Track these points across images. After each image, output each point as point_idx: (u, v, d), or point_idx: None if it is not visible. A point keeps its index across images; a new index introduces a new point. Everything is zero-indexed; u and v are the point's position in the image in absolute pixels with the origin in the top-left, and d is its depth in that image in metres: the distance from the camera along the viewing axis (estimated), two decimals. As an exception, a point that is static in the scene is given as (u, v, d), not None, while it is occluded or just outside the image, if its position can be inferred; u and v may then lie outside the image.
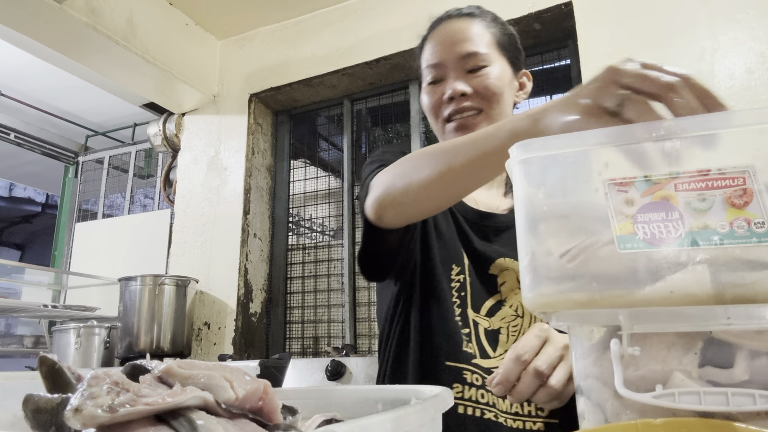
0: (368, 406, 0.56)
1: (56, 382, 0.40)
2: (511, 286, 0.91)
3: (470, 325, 0.90)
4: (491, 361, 0.88)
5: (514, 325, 0.90)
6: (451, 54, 0.93)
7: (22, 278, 3.43)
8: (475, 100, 0.92)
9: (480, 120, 0.92)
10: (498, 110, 0.93)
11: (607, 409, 0.46)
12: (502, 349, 0.88)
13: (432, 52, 0.97)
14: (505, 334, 0.89)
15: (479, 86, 0.92)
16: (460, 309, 0.90)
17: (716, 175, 0.44)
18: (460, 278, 0.91)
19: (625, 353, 0.44)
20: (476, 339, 0.89)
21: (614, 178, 0.46)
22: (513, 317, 0.90)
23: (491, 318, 0.90)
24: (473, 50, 0.93)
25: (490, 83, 0.92)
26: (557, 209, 0.49)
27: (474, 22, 0.96)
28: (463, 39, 0.94)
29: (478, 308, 0.91)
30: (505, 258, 0.92)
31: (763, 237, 0.41)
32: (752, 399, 0.41)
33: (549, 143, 0.51)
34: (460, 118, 0.93)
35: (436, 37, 0.98)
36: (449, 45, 0.94)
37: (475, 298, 0.91)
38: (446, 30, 0.97)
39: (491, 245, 0.94)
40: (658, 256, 0.43)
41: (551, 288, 0.47)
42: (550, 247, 0.48)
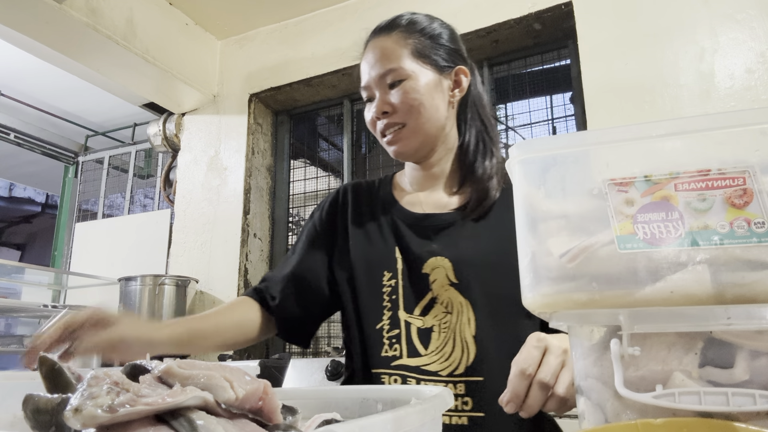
0: (368, 406, 0.56)
1: (56, 382, 0.40)
2: (442, 283, 0.93)
3: (401, 326, 0.93)
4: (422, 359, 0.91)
5: (444, 321, 0.92)
6: (372, 74, 0.99)
7: (22, 278, 3.43)
8: (398, 116, 0.97)
9: (405, 134, 0.98)
10: (423, 120, 0.97)
11: (607, 409, 0.46)
12: (434, 345, 0.91)
13: (362, 73, 1.03)
14: (437, 331, 0.92)
15: (398, 101, 0.97)
16: (391, 312, 0.94)
17: (716, 175, 0.44)
18: (391, 283, 0.96)
19: (625, 353, 0.44)
20: (407, 339, 0.92)
21: (614, 178, 0.46)
22: (444, 314, 0.92)
23: (425, 317, 0.93)
24: (388, 68, 0.98)
25: (408, 97, 0.96)
26: (557, 209, 0.49)
27: (390, 37, 1.01)
28: (379, 58, 0.99)
29: (411, 309, 0.94)
30: (437, 257, 0.94)
31: (763, 237, 0.41)
32: (752, 399, 0.41)
33: (549, 143, 0.51)
34: (390, 134, 0.99)
35: (364, 57, 1.04)
36: (371, 66, 1.00)
37: (407, 299, 0.94)
38: (369, 49, 1.03)
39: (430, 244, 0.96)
40: (658, 256, 0.43)
41: (551, 288, 0.47)
42: (550, 247, 0.48)
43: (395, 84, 0.97)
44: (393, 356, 0.92)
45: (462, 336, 0.90)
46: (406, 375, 0.90)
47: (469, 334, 0.90)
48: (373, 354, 0.94)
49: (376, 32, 1.05)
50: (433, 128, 0.99)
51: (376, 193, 1.08)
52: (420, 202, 1.03)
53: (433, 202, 1.02)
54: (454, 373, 0.89)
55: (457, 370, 0.89)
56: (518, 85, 2.54)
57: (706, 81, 1.91)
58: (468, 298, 0.91)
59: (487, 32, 2.37)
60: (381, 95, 0.98)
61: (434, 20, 1.06)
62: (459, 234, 0.96)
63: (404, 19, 1.05)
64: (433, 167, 1.03)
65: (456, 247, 0.94)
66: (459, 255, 0.93)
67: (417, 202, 1.03)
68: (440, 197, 1.03)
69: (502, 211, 0.96)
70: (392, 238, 0.99)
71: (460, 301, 0.91)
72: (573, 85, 2.33)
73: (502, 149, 1.11)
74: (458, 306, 0.92)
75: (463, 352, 0.90)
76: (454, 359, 0.90)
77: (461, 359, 0.89)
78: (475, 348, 0.90)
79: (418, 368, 0.90)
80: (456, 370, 0.89)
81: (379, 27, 1.05)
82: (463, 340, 0.90)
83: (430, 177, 1.04)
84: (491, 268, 0.92)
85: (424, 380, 0.89)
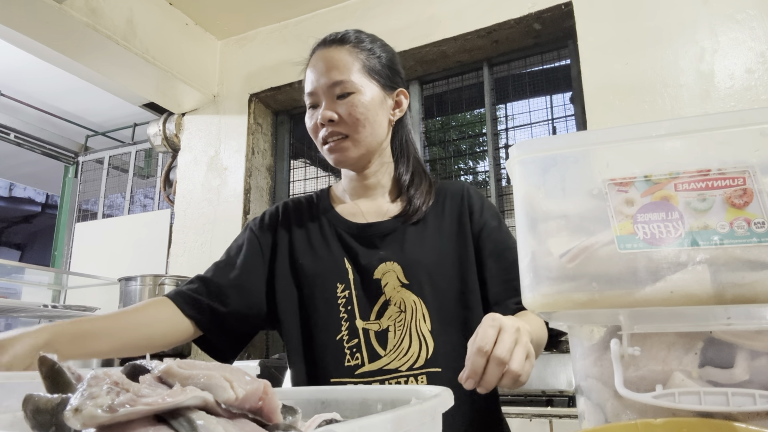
0: (368, 406, 0.56)
1: (56, 382, 0.40)
2: (393, 285, 0.98)
3: (359, 335, 0.97)
4: (382, 360, 0.95)
5: (399, 320, 0.96)
6: (321, 82, 1.02)
7: (22, 278, 3.43)
8: (342, 126, 1.01)
9: (347, 144, 1.01)
10: (365, 134, 1.02)
11: (607, 409, 0.46)
12: (391, 345, 0.95)
13: (308, 79, 1.06)
14: (393, 331, 0.96)
15: (345, 113, 1.00)
16: (348, 322, 0.98)
17: (716, 175, 0.44)
18: (345, 294, 0.99)
19: (625, 353, 0.44)
20: (366, 345, 0.96)
21: (614, 178, 0.46)
22: (398, 313, 0.97)
23: (380, 320, 0.97)
24: (339, 79, 1.01)
25: (355, 110, 1.00)
26: (557, 209, 0.49)
27: (343, 49, 1.04)
28: (331, 67, 1.02)
29: (367, 315, 0.98)
30: (386, 262, 0.99)
31: (763, 237, 0.41)
32: (752, 399, 0.41)
33: (549, 143, 0.51)
34: (331, 142, 1.02)
35: (312, 64, 1.07)
36: (320, 73, 1.03)
37: (362, 307, 0.98)
38: (319, 58, 1.05)
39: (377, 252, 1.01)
40: (658, 256, 0.43)
41: (551, 288, 0.47)
42: (550, 247, 0.48)
43: (344, 96, 1.01)
44: (356, 365, 0.96)
45: (419, 331, 0.96)
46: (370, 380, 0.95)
47: (426, 329, 0.96)
48: (335, 365, 0.97)
49: (326, 43, 1.07)
50: (374, 142, 1.03)
51: (316, 208, 1.11)
52: (361, 212, 1.07)
53: (373, 210, 1.07)
54: (413, 366, 0.94)
55: (417, 363, 0.94)
56: (518, 85, 2.54)
57: (706, 81, 1.91)
58: (420, 296, 0.97)
59: (487, 32, 2.37)
60: (328, 104, 1.02)
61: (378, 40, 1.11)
62: (403, 239, 1.01)
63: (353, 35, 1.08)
64: (369, 178, 1.08)
65: (402, 251, 1.00)
66: (407, 258, 0.99)
67: (358, 212, 1.07)
68: (379, 205, 1.07)
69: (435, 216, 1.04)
70: (340, 250, 1.03)
71: (413, 300, 0.97)
72: (573, 85, 2.33)
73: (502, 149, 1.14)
74: (411, 304, 0.97)
75: (422, 346, 0.95)
76: (413, 354, 0.95)
77: (420, 353, 0.95)
78: (432, 341, 0.95)
79: (380, 370, 0.94)
80: (415, 363, 0.94)
81: (329, 38, 1.08)
82: (420, 335, 0.96)
83: (367, 187, 1.08)
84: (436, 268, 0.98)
85: (387, 380, 0.94)
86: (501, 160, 2.46)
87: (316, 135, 1.05)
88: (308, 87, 1.05)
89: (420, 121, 2.61)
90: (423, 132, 2.63)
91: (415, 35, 2.47)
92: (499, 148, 2.49)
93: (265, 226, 1.09)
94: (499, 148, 2.49)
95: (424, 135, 2.64)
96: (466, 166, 2.79)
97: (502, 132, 2.53)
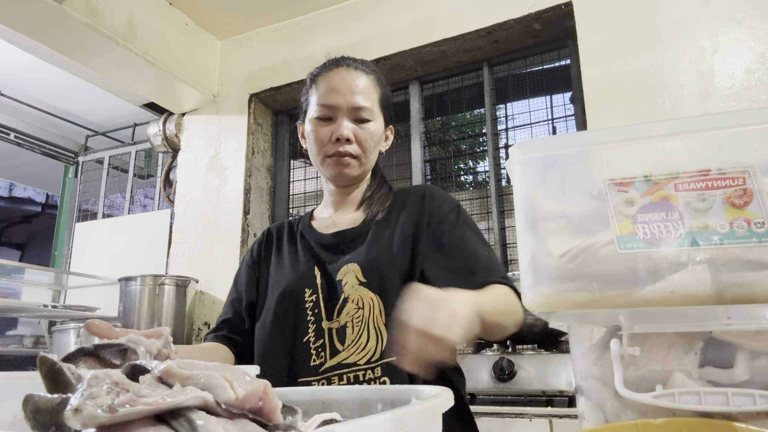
0: (368, 406, 0.56)
1: (56, 382, 0.40)
2: (352, 284, 1.03)
3: (324, 335, 1.03)
4: (341, 355, 1.00)
5: (357, 317, 1.02)
6: (346, 101, 1.08)
7: (22, 278, 3.43)
8: (355, 148, 1.09)
9: (355, 164, 1.10)
10: (370, 160, 1.12)
11: (607, 409, 0.46)
12: (350, 339, 1.01)
13: (328, 92, 1.10)
14: (350, 326, 1.01)
15: (361, 137, 1.09)
16: (315, 324, 1.04)
17: (716, 175, 0.44)
18: (312, 298, 1.06)
19: (625, 353, 0.44)
20: (329, 343, 1.02)
21: (614, 178, 0.46)
22: (356, 310, 1.02)
23: (339, 317, 1.03)
24: (365, 105, 1.09)
25: (369, 138, 1.10)
26: (557, 209, 0.49)
27: (369, 78, 1.12)
28: (358, 91, 1.09)
29: (331, 316, 1.04)
30: (348, 263, 1.06)
31: (763, 237, 0.41)
32: (752, 399, 0.41)
33: (549, 143, 0.51)
34: (340, 158, 1.09)
35: (334, 80, 1.11)
36: (346, 93, 1.09)
37: (327, 308, 1.05)
38: (345, 77, 1.11)
39: (343, 257, 1.08)
40: (658, 256, 0.43)
41: (551, 288, 0.47)
42: (550, 247, 0.48)
43: (363, 121, 1.09)
44: (320, 363, 1.01)
45: (376, 326, 1.01)
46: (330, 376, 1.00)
47: (382, 323, 1.01)
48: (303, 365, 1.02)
49: (352, 65, 1.14)
50: (369, 167, 1.15)
51: (296, 228, 1.21)
52: (333, 224, 1.16)
53: (345, 221, 1.15)
54: (370, 360, 0.99)
55: (374, 357, 0.99)
56: (518, 85, 2.54)
57: (706, 81, 1.91)
58: (376, 292, 1.01)
59: (487, 32, 2.37)
60: (348, 123, 1.08)
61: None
62: (366, 240, 1.08)
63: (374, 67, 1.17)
64: (351, 193, 1.18)
65: (363, 251, 1.06)
66: (365, 257, 1.04)
67: (331, 224, 1.16)
68: (350, 216, 1.16)
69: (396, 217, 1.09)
70: (311, 261, 1.11)
71: (370, 297, 1.02)
72: (573, 85, 2.33)
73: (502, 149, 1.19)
74: (369, 301, 1.02)
75: (378, 340, 1.00)
76: (370, 348, 1.00)
77: (377, 346, 1.00)
78: (387, 333, 1.00)
79: (339, 364, 1.00)
80: (373, 356, 0.99)
81: (352, 61, 1.15)
82: (377, 330, 1.00)
83: (345, 201, 1.18)
84: (391, 264, 1.03)
85: (345, 374, 0.98)
86: (501, 160, 2.46)
87: (323, 146, 1.10)
88: (327, 99, 1.10)
89: (420, 121, 2.61)
90: (423, 132, 2.62)
91: (414, 35, 2.47)
92: (499, 148, 2.49)
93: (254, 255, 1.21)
94: (499, 148, 2.49)
95: (424, 135, 2.64)
96: (466, 166, 2.79)
97: (502, 132, 2.53)
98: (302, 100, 1.19)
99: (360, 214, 1.15)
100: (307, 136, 1.14)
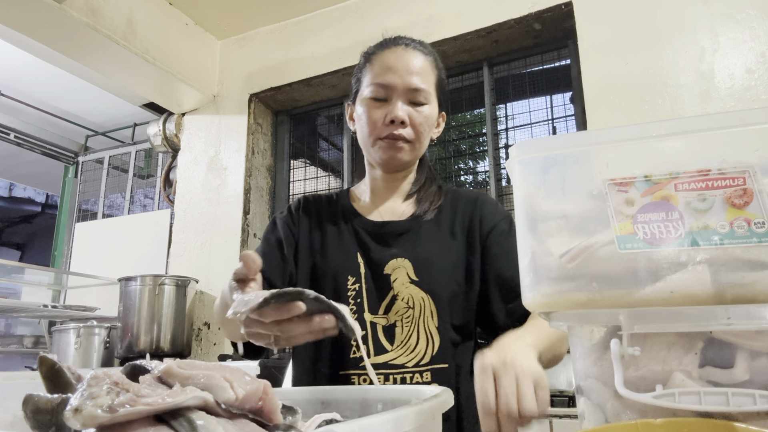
0: (368, 406, 0.56)
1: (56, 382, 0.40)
2: (402, 281, 0.99)
3: (367, 327, 0.98)
4: (389, 355, 0.96)
5: (407, 316, 0.98)
6: (403, 82, 1.01)
7: (22, 278, 3.43)
8: (409, 132, 1.02)
9: (407, 149, 1.03)
10: (423, 145, 1.06)
11: (607, 409, 0.46)
12: (399, 340, 0.97)
13: (384, 70, 1.03)
14: (400, 326, 0.98)
15: (416, 121, 1.02)
16: (357, 315, 0.99)
17: (716, 175, 0.44)
18: (355, 287, 1.01)
19: (625, 353, 0.44)
20: (373, 339, 0.97)
21: (614, 178, 0.46)
22: (406, 309, 0.98)
23: (387, 314, 0.99)
24: (422, 87, 1.02)
25: (425, 122, 1.03)
26: (557, 209, 0.49)
27: (426, 59, 1.05)
28: (416, 72, 1.02)
29: (376, 309, 0.99)
30: (398, 258, 1.01)
31: (763, 237, 0.41)
32: (752, 399, 0.41)
33: (549, 143, 0.51)
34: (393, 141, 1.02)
35: (391, 58, 1.04)
36: (403, 73, 1.02)
37: (371, 300, 1.00)
38: (402, 56, 1.04)
39: (389, 249, 1.03)
40: (658, 256, 0.43)
41: (551, 288, 0.47)
42: (550, 247, 0.48)
43: (418, 104, 1.02)
44: (361, 357, 0.97)
45: (426, 328, 0.97)
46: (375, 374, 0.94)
47: (433, 326, 0.98)
48: (341, 356, 0.98)
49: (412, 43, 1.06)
50: (420, 154, 1.08)
51: (336, 205, 1.13)
52: (378, 212, 1.10)
53: (389, 210, 1.10)
54: (419, 363, 0.95)
55: (423, 360, 0.96)
56: (518, 85, 2.54)
57: (706, 81, 1.91)
58: (428, 293, 0.98)
59: (487, 32, 2.37)
60: (403, 105, 1.01)
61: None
62: (416, 238, 1.03)
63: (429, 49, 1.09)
64: (399, 181, 1.11)
65: (414, 249, 1.02)
66: (417, 255, 1.01)
67: (375, 212, 1.10)
68: (396, 206, 1.10)
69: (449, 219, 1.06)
70: (354, 246, 1.05)
71: (421, 297, 0.98)
72: (573, 85, 2.33)
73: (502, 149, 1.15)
74: (420, 301, 0.98)
75: (428, 343, 0.97)
76: (420, 350, 0.96)
77: (426, 350, 0.96)
78: (439, 338, 0.97)
79: (386, 364, 0.96)
80: (422, 360, 0.96)
81: (410, 41, 1.07)
82: (427, 332, 0.97)
83: (391, 188, 1.11)
84: (445, 267, 1.01)
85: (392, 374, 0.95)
86: (501, 160, 2.46)
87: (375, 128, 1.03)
88: (382, 79, 1.02)
89: (420, 121, 2.60)
90: (423, 132, 2.62)
91: (414, 35, 2.46)
92: (499, 148, 2.49)
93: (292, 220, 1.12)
94: (499, 148, 2.49)
95: (424, 135, 2.64)
96: (466, 166, 2.79)
97: (502, 132, 2.53)
98: (353, 81, 1.12)
99: (407, 207, 1.09)
100: (358, 118, 1.07)
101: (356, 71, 1.12)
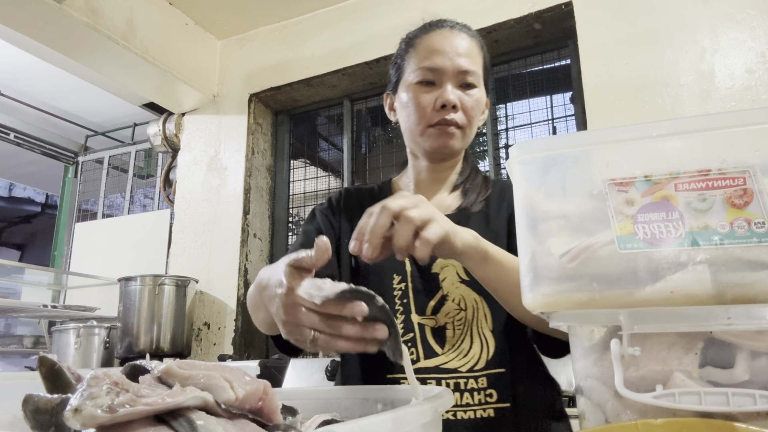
0: (368, 406, 0.56)
1: (56, 382, 0.40)
2: (452, 281, 0.93)
3: (415, 329, 0.92)
4: (439, 358, 0.90)
5: (459, 318, 0.91)
6: (453, 64, 0.96)
7: (21, 278, 3.43)
8: (460, 117, 0.96)
9: (459, 135, 0.97)
10: (473, 131, 1.00)
11: (607, 409, 0.46)
12: (449, 345, 0.90)
13: (431, 53, 0.98)
14: (451, 329, 0.91)
15: (467, 105, 0.96)
16: (404, 315, 0.93)
17: (716, 175, 0.44)
18: (401, 286, 0.94)
19: (625, 353, 0.44)
20: (422, 341, 0.91)
21: (614, 178, 0.46)
22: (456, 311, 0.92)
23: (437, 315, 0.92)
24: (472, 69, 0.96)
25: (476, 106, 0.97)
26: (557, 209, 0.49)
27: (473, 41, 1.01)
28: (465, 54, 0.97)
29: (423, 310, 0.93)
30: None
31: (763, 237, 0.41)
32: (752, 399, 0.41)
33: (549, 143, 0.51)
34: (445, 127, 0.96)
35: (437, 41, 0.99)
36: (452, 55, 0.96)
37: (418, 301, 0.94)
38: (449, 38, 0.99)
39: None
40: (658, 256, 0.43)
41: (551, 288, 0.47)
42: (550, 247, 0.48)
43: (468, 86, 0.97)
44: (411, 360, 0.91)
45: (480, 331, 0.91)
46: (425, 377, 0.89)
47: (488, 329, 0.91)
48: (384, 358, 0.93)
49: (457, 26, 1.03)
50: (469, 142, 1.02)
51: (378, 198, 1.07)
52: None
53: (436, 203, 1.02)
54: (474, 368, 0.89)
55: (477, 365, 0.89)
56: (518, 85, 2.54)
57: (706, 81, 1.91)
58: (481, 294, 0.91)
59: (487, 32, 2.37)
60: (453, 89, 0.96)
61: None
62: None
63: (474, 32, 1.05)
64: (445, 171, 1.05)
65: None
66: None
67: None
68: (442, 199, 1.04)
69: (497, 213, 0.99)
70: None
71: (474, 298, 0.92)
72: (573, 85, 2.33)
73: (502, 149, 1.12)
74: (472, 302, 0.92)
75: (482, 347, 0.90)
76: (473, 355, 0.90)
77: (481, 354, 0.90)
78: (494, 341, 0.90)
79: (437, 368, 0.90)
80: (476, 365, 0.89)
81: (455, 23, 1.04)
82: (481, 336, 0.91)
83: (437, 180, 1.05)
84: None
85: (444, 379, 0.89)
86: (501, 160, 2.46)
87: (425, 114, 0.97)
88: (430, 62, 0.97)
89: (420, 121, 2.60)
90: (423, 132, 2.63)
91: (415, 35, 2.47)
92: (499, 148, 2.49)
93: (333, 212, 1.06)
94: (499, 148, 2.49)
95: (424, 135, 2.64)
96: (466, 166, 2.79)
97: (502, 132, 2.53)
98: (392, 70, 1.07)
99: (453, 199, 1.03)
100: (403, 106, 1.01)
101: (395, 59, 1.06)
